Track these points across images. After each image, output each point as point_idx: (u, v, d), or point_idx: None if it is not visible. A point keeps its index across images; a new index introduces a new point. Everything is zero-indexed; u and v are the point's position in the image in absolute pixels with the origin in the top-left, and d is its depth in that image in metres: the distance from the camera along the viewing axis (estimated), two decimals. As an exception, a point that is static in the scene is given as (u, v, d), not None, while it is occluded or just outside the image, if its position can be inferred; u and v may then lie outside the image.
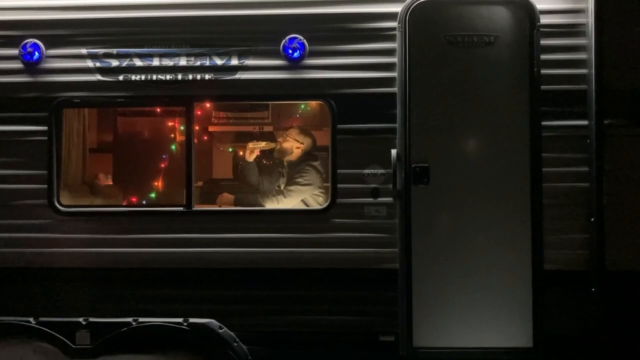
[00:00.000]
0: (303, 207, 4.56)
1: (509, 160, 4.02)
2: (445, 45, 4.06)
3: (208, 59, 4.06)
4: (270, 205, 4.61)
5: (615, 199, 3.84)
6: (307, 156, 4.80)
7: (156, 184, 5.62)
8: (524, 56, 4.02)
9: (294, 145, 4.80)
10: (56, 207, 4.07)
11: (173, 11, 4.10)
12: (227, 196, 4.83)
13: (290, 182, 4.70)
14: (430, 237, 4.03)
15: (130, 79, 4.08)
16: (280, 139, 4.92)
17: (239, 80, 4.05)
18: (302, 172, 4.68)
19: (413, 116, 4.01)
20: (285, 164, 4.87)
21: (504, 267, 4.03)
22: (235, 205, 4.74)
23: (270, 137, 5.45)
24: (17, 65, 4.10)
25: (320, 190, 4.65)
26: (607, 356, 3.86)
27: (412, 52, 4.03)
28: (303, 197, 4.62)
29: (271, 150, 5.07)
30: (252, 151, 4.94)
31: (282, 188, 4.72)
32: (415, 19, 4.02)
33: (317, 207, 4.30)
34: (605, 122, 3.77)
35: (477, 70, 4.09)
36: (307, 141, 4.81)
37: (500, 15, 4.05)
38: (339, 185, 3.97)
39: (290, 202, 4.60)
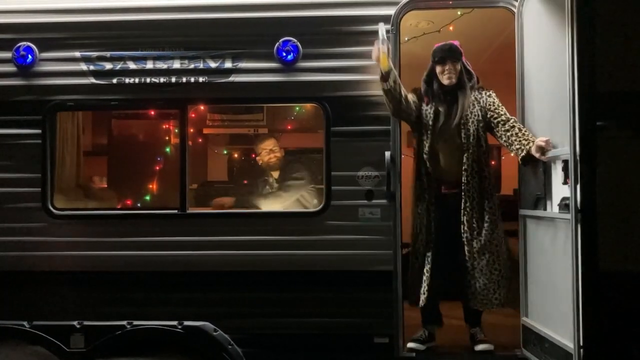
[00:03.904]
0: (299, 205, 4.60)
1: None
2: (437, 47, 4.11)
3: (202, 61, 4.07)
4: (270, 204, 4.63)
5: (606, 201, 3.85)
6: (290, 155, 5.01)
7: (151, 186, 5.61)
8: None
9: (281, 152, 4.91)
10: (50, 210, 4.06)
11: (167, 14, 4.10)
12: (222, 200, 4.84)
13: (286, 179, 4.77)
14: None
15: (124, 82, 4.08)
16: (270, 156, 4.86)
17: (232, 83, 4.05)
18: (294, 169, 4.82)
19: (407, 118, 4.03)
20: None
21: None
22: (232, 208, 4.75)
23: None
24: (11, 68, 4.10)
25: (313, 185, 4.71)
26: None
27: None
28: (301, 191, 4.67)
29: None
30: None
31: (277, 186, 4.77)
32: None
33: (312, 209, 4.30)
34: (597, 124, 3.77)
35: (470, 72, 4.14)
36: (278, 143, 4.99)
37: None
38: (334, 188, 3.98)
39: (289, 197, 4.64)
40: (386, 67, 3.70)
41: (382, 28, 3.72)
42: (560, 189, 3.39)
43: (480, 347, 3.97)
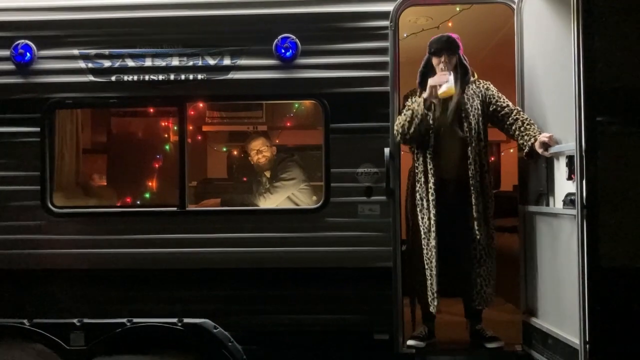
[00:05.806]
0: (292, 204, 4.62)
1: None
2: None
3: (200, 59, 4.06)
4: (259, 203, 4.63)
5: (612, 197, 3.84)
6: (283, 154, 4.95)
7: (150, 184, 5.61)
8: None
9: (272, 151, 4.89)
10: (49, 208, 4.06)
11: (165, 11, 4.10)
12: (209, 202, 4.84)
13: (275, 179, 4.75)
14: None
15: (123, 79, 4.07)
16: (259, 156, 4.86)
17: (231, 80, 4.04)
18: (286, 168, 4.79)
19: (406, 115, 4.02)
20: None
21: (497, 264, 4.06)
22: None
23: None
24: (9, 66, 4.10)
25: (306, 184, 4.71)
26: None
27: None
28: (289, 192, 4.68)
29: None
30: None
31: (267, 186, 4.76)
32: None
33: (311, 206, 4.30)
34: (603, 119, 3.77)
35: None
36: (270, 141, 4.98)
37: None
38: (333, 184, 3.97)
39: (277, 198, 4.64)
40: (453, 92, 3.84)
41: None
42: (563, 185, 3.38)
43: (493, 344, 3.95)
